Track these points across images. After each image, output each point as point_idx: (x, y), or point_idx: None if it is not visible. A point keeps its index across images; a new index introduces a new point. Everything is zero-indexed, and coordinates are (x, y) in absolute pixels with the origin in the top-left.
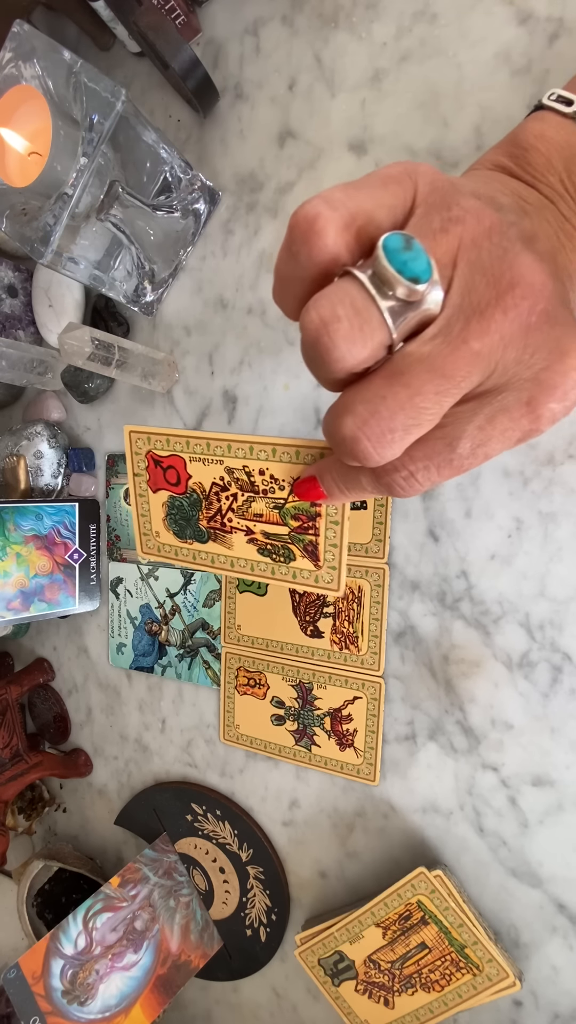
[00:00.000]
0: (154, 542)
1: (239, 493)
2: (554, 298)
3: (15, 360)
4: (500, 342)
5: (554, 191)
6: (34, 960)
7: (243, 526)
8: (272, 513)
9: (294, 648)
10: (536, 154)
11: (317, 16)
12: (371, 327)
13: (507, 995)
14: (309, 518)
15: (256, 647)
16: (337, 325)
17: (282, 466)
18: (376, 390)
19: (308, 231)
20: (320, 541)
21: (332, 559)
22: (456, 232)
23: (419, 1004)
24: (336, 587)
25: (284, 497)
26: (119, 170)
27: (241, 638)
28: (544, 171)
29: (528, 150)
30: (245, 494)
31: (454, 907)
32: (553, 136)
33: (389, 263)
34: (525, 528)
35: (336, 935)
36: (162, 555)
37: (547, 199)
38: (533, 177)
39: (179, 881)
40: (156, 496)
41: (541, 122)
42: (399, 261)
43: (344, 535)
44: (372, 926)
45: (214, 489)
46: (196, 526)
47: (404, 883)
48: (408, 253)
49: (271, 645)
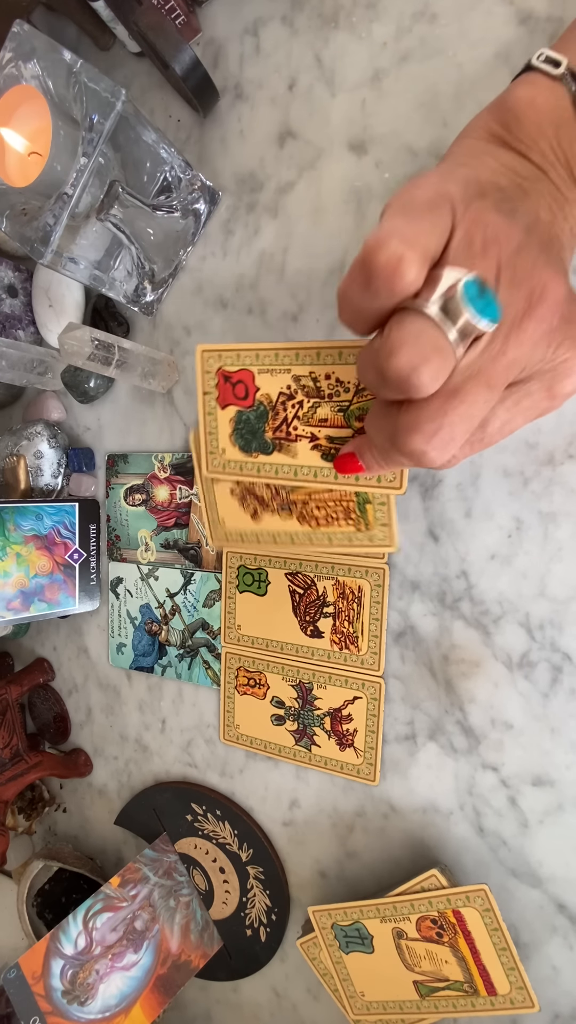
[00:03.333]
0: (220, 460)
1: (305, 400)
2: (570, 300)
3: (15, 360)
4: (531, 347)
5: (545, 159)
6: (34, 960)
7: (308, 433)
8: (337, 416)
9: (294, 648)
10: (527, 122)
11: (317, 16)
12: (448, 360)
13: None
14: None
15: (256, 647)
16: (426, 367)
17: (347, 368)
18: (438, 409)
19: (393, 273)
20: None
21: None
22: (494, 254)
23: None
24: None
25: (349, 399)
26: (119, 170)
27: (241, 638)
28: (536, 139)
29: (520, 117)
30: (311, 400)
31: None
32: (543, 103)
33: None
34: (525, 528)
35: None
36: (227, 472)
37: (539, 169)
38: (525, 146)
39: (179, 881)
40: (224, 413)
41: (531, 87)
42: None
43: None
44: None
45: (280, 399)
46: (262, 438)
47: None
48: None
49: (271, 645)
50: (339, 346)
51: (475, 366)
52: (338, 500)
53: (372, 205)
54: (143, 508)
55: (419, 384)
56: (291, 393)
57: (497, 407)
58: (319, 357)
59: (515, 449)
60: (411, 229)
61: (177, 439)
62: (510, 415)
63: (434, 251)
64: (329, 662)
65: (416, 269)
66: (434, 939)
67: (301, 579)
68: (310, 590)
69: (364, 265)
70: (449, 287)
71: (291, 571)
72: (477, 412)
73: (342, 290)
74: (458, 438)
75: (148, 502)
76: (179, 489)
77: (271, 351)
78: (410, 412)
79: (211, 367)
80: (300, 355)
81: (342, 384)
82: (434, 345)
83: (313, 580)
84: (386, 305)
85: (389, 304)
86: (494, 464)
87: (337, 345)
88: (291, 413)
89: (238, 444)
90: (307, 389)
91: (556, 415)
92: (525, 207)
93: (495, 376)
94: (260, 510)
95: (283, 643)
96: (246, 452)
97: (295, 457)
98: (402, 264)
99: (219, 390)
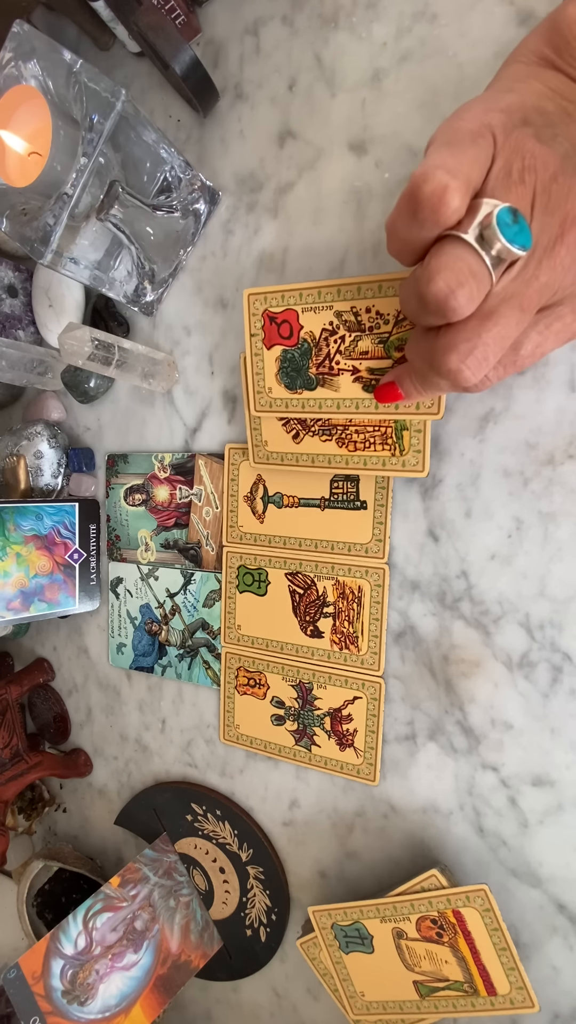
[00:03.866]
0: (267, 399)
1: (346, 335)
2: None
3: (15, 360)
4: (563, 271)
5: None
6: (34, 960)
7: (349, 366)
8: (377, 348)
9: (294, 648)
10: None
11: (317, 16)
12: (483, 284)
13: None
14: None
15: (256, 647)
16: (461, 290)
17: (387, 300)
18: (473, 329)
19: (439, 202)
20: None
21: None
22: (530, 182)
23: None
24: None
25: (388, 331)
26: (119, 170)
27: (241, 638)
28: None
29: (570, 40)
30: (352, 334)
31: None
32: None
33: (503, 236)
34: (525, 528)
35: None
36: (274, 410)
37: None
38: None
39: (179, 881)
40: (270, 353)
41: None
42: (511, 233)
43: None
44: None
45: (323, 335)
46: (306, 375)
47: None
48: (516, 227)
49: (271, 645)
50: (379, 279)
51: (509, 290)
52: (376, 426)
53: (372, 205)
54: (143, 508)
55: (456, 306)
56: (333, 329)
57: (529, 330)
58: (360, 292)
59: (515, 449)
60: (454, 160)
61: (177, 439)
62: (542, 338)
63: (476, 181)
64: (329, 662)
65: (460, 198)
66: (434, 939)
67: (301, 579)
68: (310, 590)
69: (411, 197)
70: (485, 216)
71: (291, 571)
72: (510, 333)
73: (390, 223)
74: (491, 358)
75: (148, 502)
76: (179, 489)
77: (314, 289)
78: (447, 334)
79: (257, 309)
80: (342, 291)
81: (382, 316)
82: (471, 269)
83: (313, 580)
84: (431, 234)
85: (434, 233)
86: (494, 464)
87: (377, 279)
88: (333, 348)
89: (283, 382)
90: (348, 323)
91: (556, 415)
92: (568, 132)
93: (528, 299)
94: (302, 432)
95: (283, 643)
96: (291, 390)
97: (338, 391)
98: (447, 194)
99: (265, 331)
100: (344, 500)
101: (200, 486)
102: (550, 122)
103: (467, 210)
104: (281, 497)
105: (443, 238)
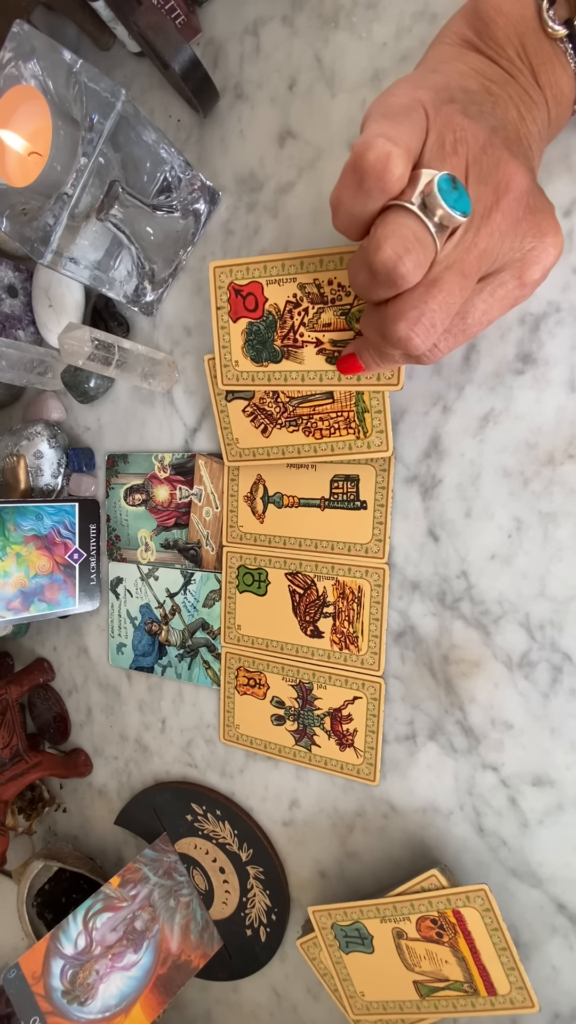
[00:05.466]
0: (233, 372)
1: (310, 307)
2: (534, 191)
3: (15, 360)
4: (500, 237)
5: (513, 65)
6: (34, 960)
7: (313, 338)
8: (339, 320)
9: (294, 648)
10: (496, 28)
11: (317, 16)
12: (429, 250)
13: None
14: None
15: (256, 647)
16: (408, 256)
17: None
18: (419, 297)
19: (383, 169)
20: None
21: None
22: (463, 153)
23: None
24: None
25: (350, 302)
26: (119, 170)
27: (241, 638)
28: (504, 45)
29: (489, 25)
30: (315, 306)
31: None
32: (511, 10)
33: (445, 202)
34: (525, 528)
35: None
36: (241, 383)
37: (508, 74)
38: (495, 52)
39: (179, 881)
40: (236, 326)
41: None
42: (452, 199)
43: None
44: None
45: (287, 307)
46: (271, 347)
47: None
48: (456, 193)
49: (271, 645)
50: (340, 251)
51: (451, 257)
52: (339, 411)
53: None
54: (143, 508)
55: (405, 272)
56: (297, 301)
57: (475, 298)
58: (322, 264)
59: (515, 449)
60: (393, 130)
61: (177, 439)
62: (487, 305)
63: (415, 149)
64: (329, 662)
65: (403, 164)
66: (434, 939)
67: (301, 579)
68: (310, 590)
69: (355, 166)
70: (426, 184)
71: (291, 571)
72: (455, 300)
73: (335, 196)
74: (439, 324)
75: (148, 502)
76: (179, 489)
77: (278, 262)
78: (395, 303)
79: (223, 282)
80: (304, 263)
81: (343, 289)
82: (416, 236)
83: (313, 580)
84: (376, 204)
85: (379, 203)
86: (494, 464)
87: (338, 251)
88: (297, 320)
89: (249, 355)
90: (312, 296)
91: (556, 415)
92: (492, 109)
93: (469, 265)
94: (270, 426)
95: (283, 643)
96: (257, 362)
97: (302, 363)
98: (390, 160)
99: (231, 304)
100: (344, 500)
101: (200, 486)
102: (475, 100)
103: (408, 180)
104: (281, 497)
105: (388, 208)
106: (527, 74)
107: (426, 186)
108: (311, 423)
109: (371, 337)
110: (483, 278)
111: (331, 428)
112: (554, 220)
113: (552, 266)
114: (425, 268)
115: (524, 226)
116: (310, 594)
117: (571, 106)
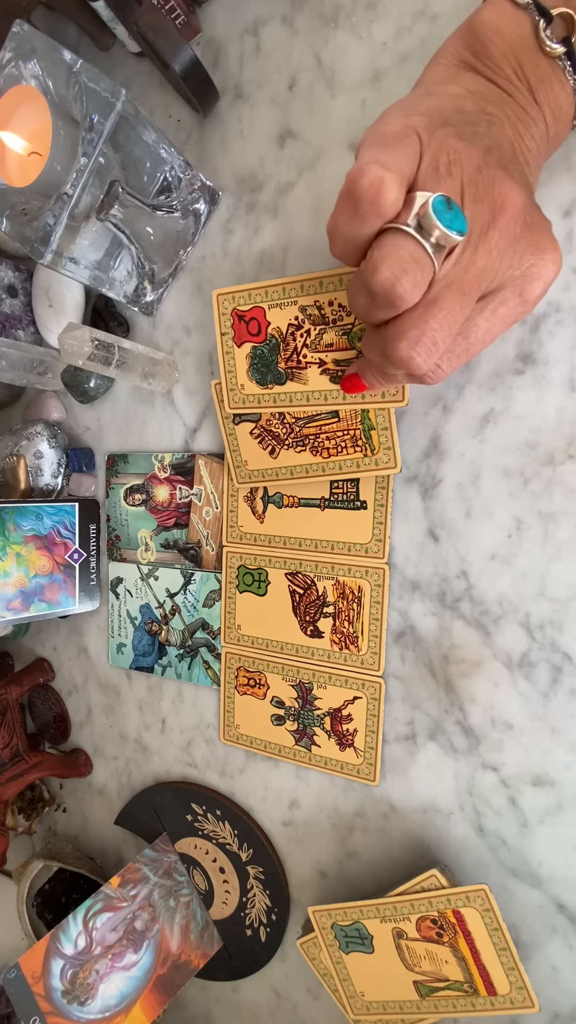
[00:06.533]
0: (240, 395)
1: (312, 328)
2: (530, 209)
3: (15, 360)
4: (498, 255)
5: (510, 84)
6: (34, 960)
7: (316, 359)
8: (341, 340)
9: (294, 648)
10: (493, 48)
11: (317, 16)
12: (426, 270)
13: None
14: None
15: (256, 647)
16: (406, 277)
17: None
18: (420, 317)
19: (377, 194)
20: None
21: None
22: (457, 174)
23: None
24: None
25: (351, 322)
26: (119, 170)
27: (241, 638)
28: (501, 64)
29: (486, 44)
30: (317, 328)
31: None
32: (507, 30)
33: (440, 222)
34: (525, 528)
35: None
36: (247, 406)
37: (505, 93)
38: (492, 71)
39: (179, 881)
40: (240, 350)
41: (496, 12)
42: (447, 220)
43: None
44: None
45: (290, 330)
46: (276, 369)
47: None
48: (451, 213)
49: (271, 645)
50: (339, 273)
51: (450, 276)
52: (345, 430)
53: None
54: (143, 508)
55: (403, 292)
56: (299, 323)
57: (476, 317)
58: (322, 286)
59: (515, 449)
60: (386, 156)
61: (177, 439)
62: (489, 324)
63: (408, 173)
64: (329, 662)
65: (396, 188)
66: (434, 939)
67: (301, 579)
68: (310, 590)
69: (350, 193)
70: (421, 205)
71: (291, 571)
72: (455, 318)
73: (331, 224)
74: (440, 343)
75: (148, 502)
76: (179, 489)
77: (278, 286)
78: (395, 324)
79: (226, 309)
80: (305, 286)
81: (344, 309)
82: (413, 256)
83: (313, 580)
84: (372, 229)
85: (375, 227)
86: (494, 464)
87: (338, 272)
88: (300, 342)
89: (255, 378)
90: (313, 317)
91: (556, 415)
92: (487, 129)
93: (468, 283)
94: (277, 447)
95: (283, 643)
96: (262, 385)
97: (306, 383)
98: (384, 185)
99: (234, 330)
100: (344, 500)
101: (200, 486)
102: (469, 121)
103: (403, 203)
104: (281, 497)
105: (384, 231)
106: (525, 92)
107: (421, 208)
108: (318, 442)
109: (373, 358)
110: (484, 297)
111: (338, 447)
112: (552, 237)
113: (552, 281)
114: (423, 288)
115: (522, 243)
116: (310, 594)
117: (570, 122)
